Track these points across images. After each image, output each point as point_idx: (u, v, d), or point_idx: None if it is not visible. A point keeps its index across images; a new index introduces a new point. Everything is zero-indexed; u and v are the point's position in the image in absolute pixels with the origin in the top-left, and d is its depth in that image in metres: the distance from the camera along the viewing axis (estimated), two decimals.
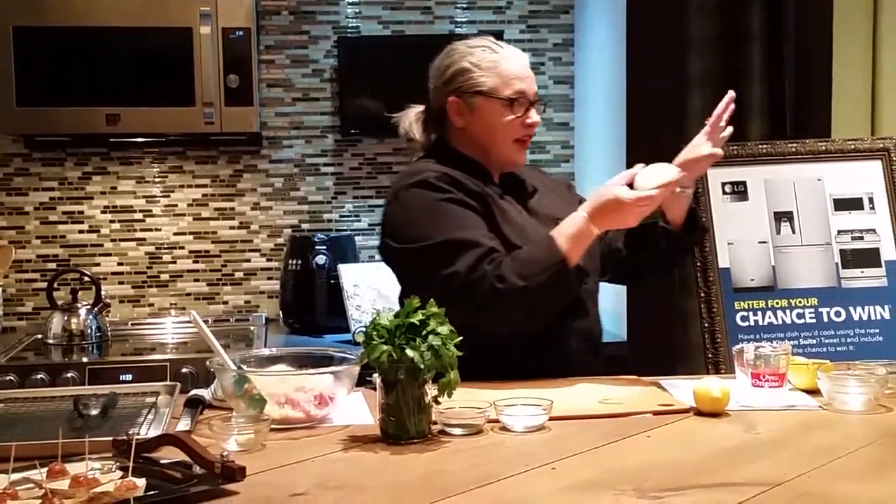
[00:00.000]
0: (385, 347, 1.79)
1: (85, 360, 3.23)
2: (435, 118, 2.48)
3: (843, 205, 3.03)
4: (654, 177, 2.22)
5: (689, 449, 1.78)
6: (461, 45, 2.45)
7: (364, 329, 1.86)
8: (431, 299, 1.87)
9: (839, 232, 3.01)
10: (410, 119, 2.51)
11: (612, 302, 3.58)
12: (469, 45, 2.43)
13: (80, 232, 3.86)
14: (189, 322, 3.60)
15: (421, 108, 2.51)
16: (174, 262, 3.91)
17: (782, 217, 3.02)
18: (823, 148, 3.07)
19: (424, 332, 1.80)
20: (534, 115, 2.41)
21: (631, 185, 2.23)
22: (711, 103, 3.43)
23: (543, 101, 2.46)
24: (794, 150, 3.06)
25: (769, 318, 2.95)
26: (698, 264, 2.95)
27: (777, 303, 2.96)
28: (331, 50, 3.92)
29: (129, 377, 3.07)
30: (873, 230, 3.01)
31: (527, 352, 2.30)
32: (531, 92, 2.41)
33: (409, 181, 2.35)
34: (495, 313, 2.19)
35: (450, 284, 2.18)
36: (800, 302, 2.96)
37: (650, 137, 3.40)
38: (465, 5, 3.98)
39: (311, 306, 3.61)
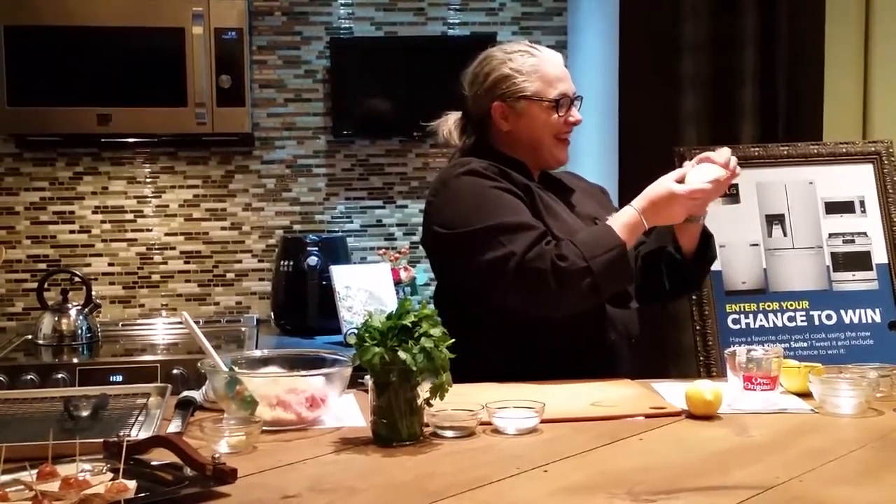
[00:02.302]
0: (377, 349, 1.79)
1: (75, 360, 3.22)
2: (476, 124, 2.53)
3: (834, 208, 3.04)
4: (706, 173, 2.28)
5: (680, 452, 1.78)
6: (498, 51, 2.50)
7: (356, 331, 1.86)
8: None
9: (830, 235, 3.02)
10: (450, 126, 2.57)
11: None
12: (506, 51, 2.49)
13: (71, 232, 3.85)
14: (180, 323, 3.62)
15: (459, 114, 2.56)
16: (165, 263, 3.90)
17: (774, 220, 3.03)
18: (815, 151, 3.08)
19: (417, 335, 1.80)
20: (576, 113, 2.48)
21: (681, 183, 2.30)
22: (704, 106, 3.48)
23: (581, 98, 2.51)
24: (785, 153, 3.07)
25: (761, 320, 2.96)
26: None
27: (768, 305, 2.97)
28: (323, 51, 3.92)
29: (119, 378, 3.06)
30: (864, 233, 3.02)
31: (567, 339, 2.34)
32: (571, 91, 2.48)
33: (457, 171, 2.39)
34: (556, 291, 2.21)
35: (505, 265, 2.22)
36: (791, 305, 2.97)
37: (642, 140, 3.41)
38: (457, 7, 3.97)
39: (302, 308, 3.60)
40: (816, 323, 2.96)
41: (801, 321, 2.96)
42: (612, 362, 2.39)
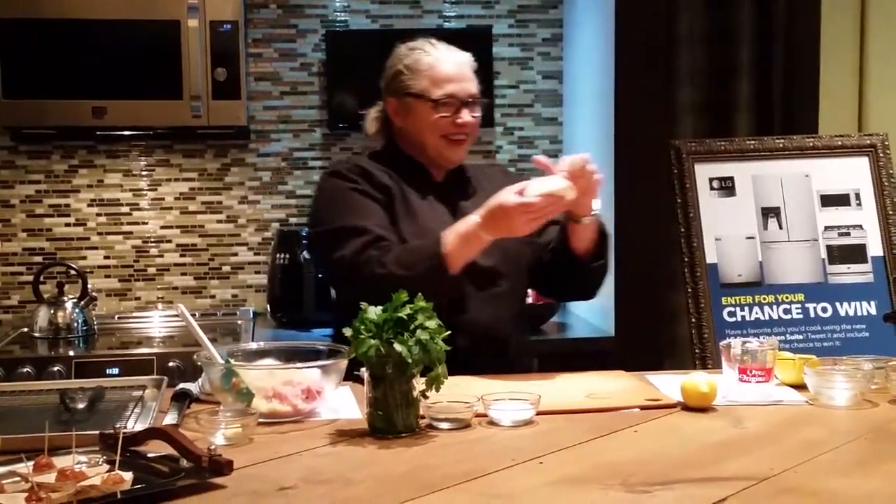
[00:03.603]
0: (373, 342, 1.79)
1: (71, 353, 3.21)
2: (386, 118, 2.58)
3: (829, 201, 3.05)
4: (542, 186, 2.22)
5: (676, 443, 1.79)
6: (403, 47, 2.54)
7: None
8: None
9: (826, 228, 3.03)
10: (371, 117, 2.63)
11: (599, 297, 3.58)
12: (409, 48, 2.53)
13: (67, 225, 3.85)
14: (176, 316, 3.62)
15: (379, 107, 2.61)
16: (161, 256, 3.90)
17: (769, 213, 3.03)
18: (811, 144, 3.08)
19: (412, 327, 1.81)
20: (464, 115, 2.46)
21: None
22: (700, 99, 3.48)
23: (480, 102, 2.51)
24: (781, 146, 3.07)
25: (756, 313, 2.96)
26: (686, 260, 2.96)
27: (764, 298, 2.97)
28: (319, 44, 3.91)
29: (115, 371, 3.06)
30: (860, 226, 3.03)
31: None
32: (463, 93, 2.47)
33: (327, 171, 2.56)
34: (375, 297, 2.18)
35: (338, 267, 2.36)
36: (787, 297, 2.97)
37: (638, 133, 3.41)
38: (453, 0, 3.97)
39: (298, 300, 3.60)
40: (812, 315, 2.97)
41: (797, 314, 2.97)
42: (464, 366, 2.24)
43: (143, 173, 3.87)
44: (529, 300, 3.48)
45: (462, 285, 2.34)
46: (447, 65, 2.47)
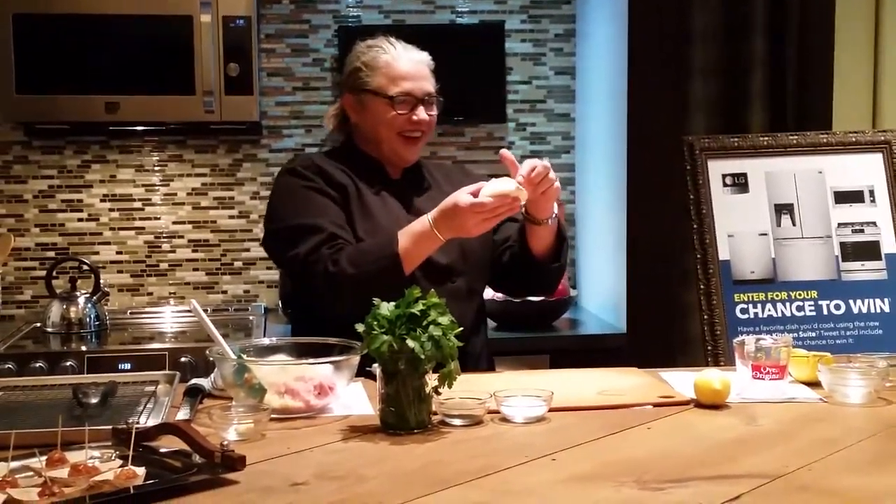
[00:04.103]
0: (385, 337, 1.79)
1: (84, 348, 3.22)
2: (343, 114, 2.60)
3: (843, 197, 3.03)
4: (494, 187, 2.24)
5: (689, 441, 1.78)
6: (362, 45, 2.56)
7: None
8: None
9: (839, 224, 3.01)
10: (330, 113, 2.66)
11: (611, 294, 3.58)
12: (367, 45, 2.55)
13: (80, 220, 3.86)
14: (188, 311, 3.62)
15: (338, 104, 2.64)
16: (173, 252, 3.90)
17: (783, 209, 3.01)
18: (824, 140, 3.07)
19: (425, 323, 1.80)
20: (420, 113, 2.48)
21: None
22: (713, 95, 3.46)
23: (436, 101, 2.52)
24: (794, 142, 3.06)
25: (769, 310, 2.95)
26: (698, 256, 2.95)
27: (777, 295, 2.95)
28: (331, 39, 3.91)
29: (127, 366, 3.07)
30: (874, 223, 3.01)
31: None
32: (419, 91, 2.48)
33: (284, 168, 2.57)
34: (327, 295, 2.31)
35: (292, 265, 2.38)
36: (800, 294, 2.96)
37: (651, 129, 3.40)
38: None
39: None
40: (825, 313, 2.95)
41: (810, 311, 2.95)
42: None
43: (156, 169, 3.88)
44: (541, 297, 3.51)
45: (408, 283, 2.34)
46: (404, 63, 2.49)
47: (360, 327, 1.84)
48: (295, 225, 2.38)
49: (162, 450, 1.63)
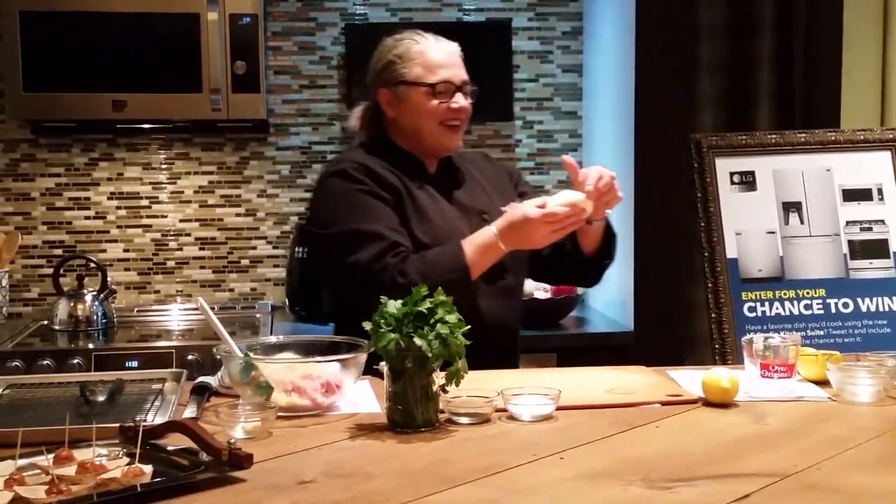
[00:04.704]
0: (393, 336, 1.78)
1: (91, 346, 3.22)
2: (374, 112, 2.57)
3: (851, 195, 3.02)
4: (565, 198, 2.26)
5: (697, 439, 1.77)
6: (390, 39, 2.55)
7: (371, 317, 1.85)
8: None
9: (848, 223, 3.00)
10: (356, 115, 2.62)
11: (619, 292, 3.57)
12: (396, 39, 2.53)
13: (87, 218, 3.86)
14: (195, 309, 3.63)
15: (366, 104, 2.61)
16: (180, 249, 3.90)
17: (791, 207, 3.01)
18: (833, 138, 3.06)
19: (432, 321, 1.80)
20: (460, 100, 2.47)
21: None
22: (721, 92, 3.46)
23: (473, 88, 2.52)
24: (803, 140, 3.05)
25: (777, 308, 2.94)
26: (706, 254, 2.95)
27: (785, 294, 2.95)
28: (338, 37, 3.91)
29: (135, 364, 3.07)
30: (882, 221, 3.00)
31: None
32: (457, 79, 2.47)
33: (330, 169, 2.50)
34: None
35: (351, 273, 2.33)
36: (808, 293, 2.95)
37: (659, 126, 3.39)
38: None
39: (317, 294, 3.59)
40: (833, 311, 2.94)
41: (818, 309, 2.94)
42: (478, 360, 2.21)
43: (163, 166, 3.88)
44: (548, 295, 3.51)
45: (477, 295, 2.36)
46: (438, 52, 2.48)
47: (367, 325, 1.84)
48: (351, 230, 2.34)
49: (169, 448, 1.63)
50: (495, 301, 2.43)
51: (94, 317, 3.40)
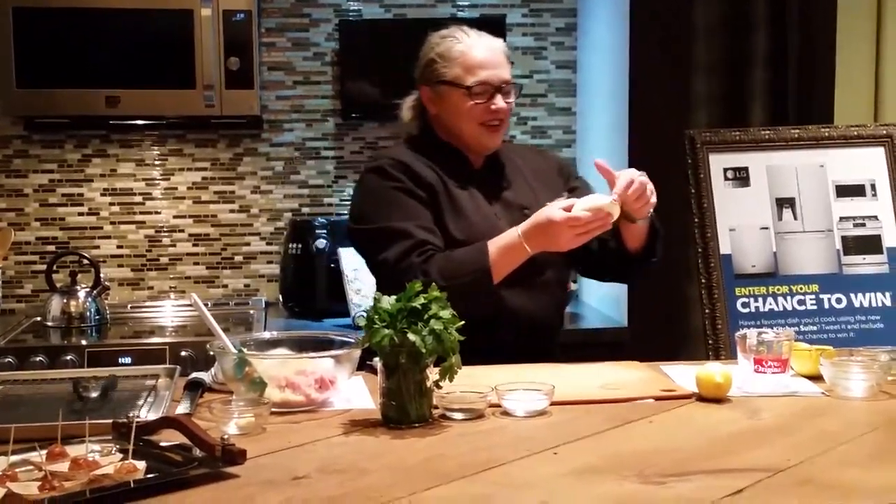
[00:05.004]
0: (386, 331, 1.78)
1: (84, 342, 3.22)
2: (421, 106, 2.58)
3: (845, 191, 3.03)
4: (590, 202, 2.25)
5: (691, 434, 1.78)
6: (435, 35, 2.54)
7: (365, 313, 1.85)
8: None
9: (841, 218, 3.01)
10: (407, 105, 2.62)
11: (613, 288, 3.57)
12: (441, 36, 2.53)
13: (80, 214, 3.85)
14: (188, 305, 3.62)
15: (416, 95, 2.61)
16: (174, 246, 3.90)
17: (784, 203, 3.01)
18: (826, 134, 3.06)
19: (426, 317, 1.80)
20: (498, 101, 2.46)
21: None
22: (715, 89, 3.46)
23: (515, 87, 2.52)
24: (796, 136, 3.06)
25: (770, 304, 2.94)
26: (699, 250, 2.95)
27: (778, 289, 2.95)
28: (332, 33, 3.90)
29: (128, 360, 3.06)
30: (875, 217, 3.01)
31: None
32: (496, 79, 2.46)
33: (369, 166, 2.53)
34: None
35: (381, 269, 2.40)
36: (801, 288, 2.96)
37: (653, 123, 3.39)
38: None
39: (311, 290, 3.60)
40: (826, 306, 2.95)
41: (811, 305, 2.95)
42: (511, 355, 2.32)
43: (156, 163, 3.87)
44: None
45: (500, 298, 2.36)
46: (479, 51, 2.47)
47: (360, 321, 1.84)
48: (383, 228, 2.37)
49: (162, 444, 1.63)
50: (529, 297, 2.43)
51: (88, 313, 3.39)
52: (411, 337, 1.77)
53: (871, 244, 3.00)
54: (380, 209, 2.41)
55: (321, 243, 3.57)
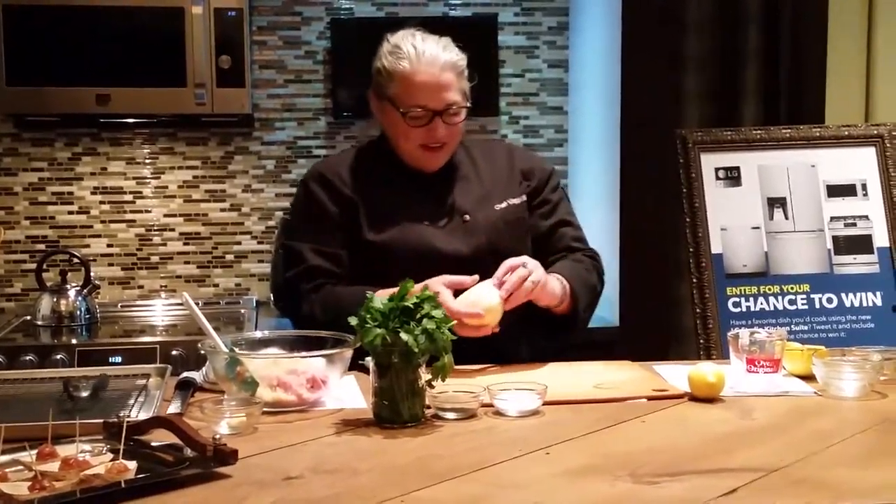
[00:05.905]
0: (379, 331, 1.78)
1: (74, 341, 3.21)
2: None
3: (836, 191, 3.04)
4: (474, 297, 2.16)
5: (683, 434, 1.77)
6: (387, 42, 2.39)
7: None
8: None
9: (832, 218, 3.01)
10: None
11: (604, 288, 3.57)
12: (392, 45, 2.37)
13: (70, 213, 3.84)
14: (179, 304, 3.61)
15: None
16: (164, 245, 3.89)
17: (775, 203, 3.02)
18: (817, 134, 3.07)
19: (418, 316, 1.79)
20: (437, 128, 2.31)
21: (458, 294, 2.17)
22: (707, 87, 3.46)
23: (460, 109, 2.35)
24: (788, 135, 3.06)
25: (761, 304, 2.95)
26: (691, 250, 2.95)
27: (769, 289, 2.96)
28: (324, 31, 3.90)
29: (118, 359, 3.05)
30: (866, 217, 3.01)
31: None
32: (437, 103, 2.31)
33: (302, 177, 2.52)
34: (304, 327, 2.23)
35: (283, 287, 2.46)
36: (792, 288, 2.96)
37: (645, 121, 3.40)
38: None
39: None
40: (817, 306, 2.96)
41: (802, 304, 2.96)
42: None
43: (147, 161, 3.86)
44: None
45: None
46: (424, 74, 2.30)
47: (353, 320, 1.83)
48: (288, 246, 2.43)
49: (153, 444, 1.62)
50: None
51: (78, 312, 3.38)
52: (403, 336, 1.76)
53: (861, 244, 3.01)
54: (295, 225, 2.47)
55: None
